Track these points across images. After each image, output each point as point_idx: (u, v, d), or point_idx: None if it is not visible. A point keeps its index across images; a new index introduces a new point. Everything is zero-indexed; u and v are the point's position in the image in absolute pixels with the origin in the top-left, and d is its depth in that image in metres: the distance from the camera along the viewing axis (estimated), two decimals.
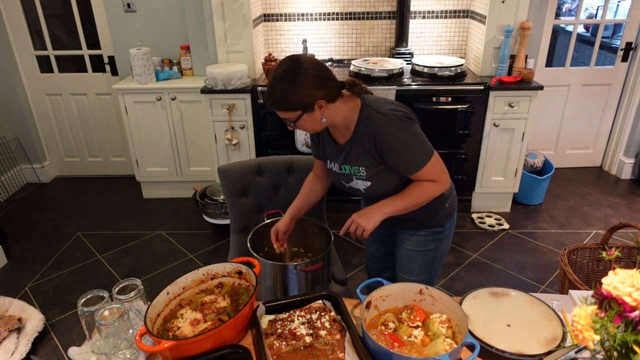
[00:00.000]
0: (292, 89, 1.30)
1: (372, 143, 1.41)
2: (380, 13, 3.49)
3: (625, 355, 0.82)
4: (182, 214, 3.57)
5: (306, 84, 1.30)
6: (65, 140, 4.09)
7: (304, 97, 1.31)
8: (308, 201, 1.73)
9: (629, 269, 0.83)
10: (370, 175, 1.47)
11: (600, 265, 2.27)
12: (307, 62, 1.32)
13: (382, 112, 1.39)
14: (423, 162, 1.40)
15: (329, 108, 1.37)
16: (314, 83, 1.31)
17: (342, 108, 1.41)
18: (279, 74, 1.32)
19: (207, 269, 1.42)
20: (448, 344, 1.17)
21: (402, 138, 1.38)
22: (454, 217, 1.68)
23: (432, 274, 1.72)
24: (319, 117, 1.37)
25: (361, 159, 1.46)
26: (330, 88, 1.36)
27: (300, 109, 1.33)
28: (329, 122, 1.41)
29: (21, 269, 2.97)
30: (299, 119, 1.36)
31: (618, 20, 4.14)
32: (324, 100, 1.34)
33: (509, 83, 3.01)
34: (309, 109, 1.34)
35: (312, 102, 1.32)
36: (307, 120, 1.37)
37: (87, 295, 1.30)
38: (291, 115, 1.35)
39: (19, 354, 2.21)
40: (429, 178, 1.44)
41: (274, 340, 1.22)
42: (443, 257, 1.72)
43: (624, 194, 3.68)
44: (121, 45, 3.57)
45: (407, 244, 1.67)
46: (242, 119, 3.13)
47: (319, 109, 1.35)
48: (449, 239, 1.69)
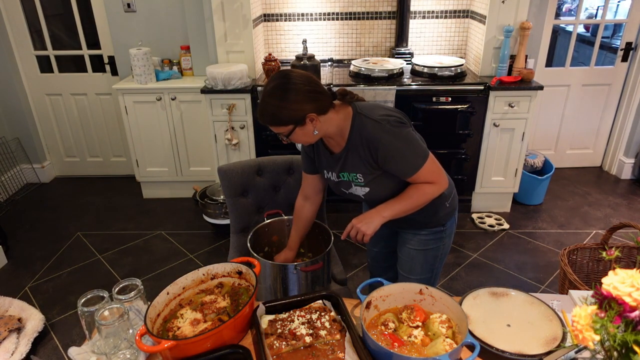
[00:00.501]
0: (283, 104, 1.33)
1: (367, 150, 1.42)
2: (380, 13, 3.49)
3: (625, 355, 0.82)
4: (182, 214, 3.57)
5: (296, 99, 1.32)
6: (65, 140, 4.09)
7: (295, 111, 1.33)
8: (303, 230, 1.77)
9: (629, 269, 0.83)
10: (368, 182, 1.48)
11: (600, 265, 2.27)
12: (297, 77, 1.34)
13: (374, 118, 1.41)
14: (419, 166, 1.41)
15: (321, 120, 1.39)
16: (303, 97, 1.33)
17: (334, 118, 1.42)
18: (269, 90, 1.35)
19: (207, 269, 1.42)
20: (448, 344, 1.17)
21: (395, 143, 1.39)
22: (455, 216, 1.69)
23: (434, 272, 1.73)
24: (311, 129, 1.39)
25: (358, 166, 1.47)
26: (320, 101, 1.37)
27: (292, 123, 1.36)
28: (322, 133, 1.43)
29: (21, 269, 2.97)
30: (291, 133, 1.38)
31: (618, 20, 4.14)
32: (314, 113, 1.36)
33: (509, 83, 3.01)
34: (301, 123, 1.36)
35: (303, 116, 1.35)
36: (299, 134, 1.39)
37: (87, 295, 1.30)
38: (284, 129, 1.37)
39: (19, 354, 2.21)
40: (426, 180, 1.44)
41: (274, 340, 1.22)
42: (444, 256, 1.73)
43: (624, 194, 3.68)
44: (121, 45, 3.57)
45: (409, 243, 1.68)
46: (242, 119, 3.13)
47: (310, 122, 1.37)
48: (450, 238, 1.70)
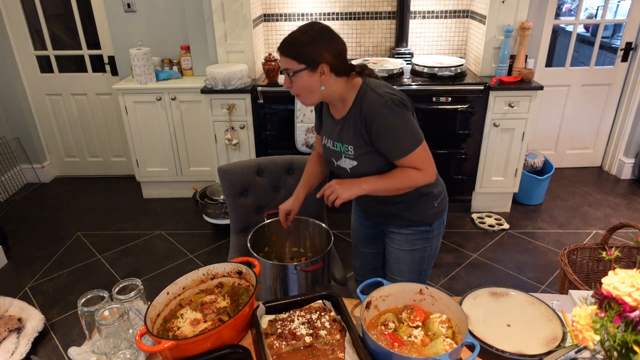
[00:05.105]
0: (308, 40, 1.36)
1: (363, 122, 1.43)
2: (380, 13, 3.49)
3: (625, 355, 0.82)
4: (182, 214, 3.57)
5: (322, 44, 1.36)
6: (65, 140, 4.09)
7: (315, 53, 1.36)
8: (312, 181, 1.76)
9: (629, 269, 0.83)
10: (357, 155, 1.48)
11: (600, 265, 2.27)
12: (333, 33, 1.40)
13: (378, 92, 1.42)
14: (410, 149, 1.41)
15: (331, 79, 1.40)
16: (328, 48, 1.37)
17: (342, 85, 1.45)
18: (305, 25, 1.39)
19: (207, 269, 1.42)
20: (448, 344, 1.17)
21: (392, 121, 1.39)
22: (444, 218, 1.68)
23: (422, 274, 1.72)
24: (318, 82, 1.40)
25: (351, 138, 1.48)
26: (340, 62, 1.40)
27: (306, 63, 1.37)
28: (327, 93, 1.44)
29: (21, 269, 2.97)
30: (299, 73, 1.38)
31: (618, 20, 4.14)
32: (329, 67, 1.37)
33: (509, 83, 3.01)
34: (313, 67, 1.37)
35: (318, 62, 1.36)
36: (305, 79, 1.39)
37: (87, 295, 1.30)
38: (294, 65, 1.38)
39: (19, 354, 2.21)
40: (414, 166, 1.44)
41: (274, 340, 1.22)
42: (432, 258, 1.72)
43: (624, 194, 3.68)
44: (121, 45, 3.57)
45: (395, 243, 1.67)
46: (242, 119, 3.13)
47: (320, 74, 1.38)
48: (438, 240, 1.69)
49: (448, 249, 3.06)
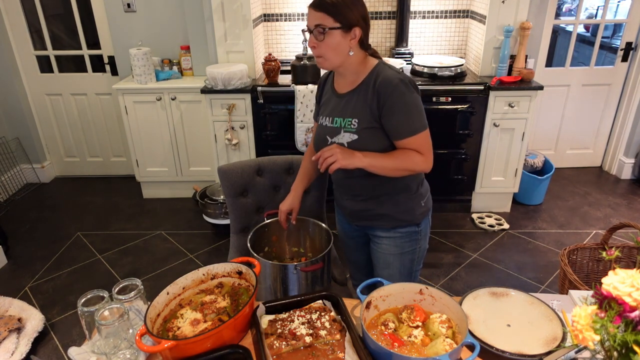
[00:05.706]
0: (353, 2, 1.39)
1: (376, 95, 1.43)
2: (380, 13, 3.49)
3: (625, 355, 0.82)
4: (182, 214, 3.57)
5: (359, 9, 1.40)
6: (65, 140, 4.09)
7: (352, 16, 1.38)
8: (309, 175, 1.76)
9: (629, 269, 0.83)
10: (360, 129, 1.47)
11: (600, 265, 2.27)
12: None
13: (396, 70, 1.46)
14: (416, 130, 1.43)
15: (356, 49, 1.44)
16: (364, 15, 1.42)
17: (361, 59, 1.48)
18: None
19: (207, 269, 1.42)
20: (448, 344, 1.17)
21: (407, 99, 1.41)
22: (429, 218, 1.68)
23: (412, 276, 1.72)
24: (348, 45, 1.42)
25: (358, 110, 1.47)
26: (366, 35, 1.45)
27: (342, 23, 1.38)
28: (349, 61, 1.46)
29: (21, 269, 2.97)
30: (332, 30, 1.39)
31: (618, 20, 4.14)
32: (362, 33, 1.42)
33: (509, 83, 3.01)
34: (347, 29, 1.39)
35: (353, 25, 1.39)
36: (336, 39, 1.40)
37: (87, 295, 1.30)
38: (329, 22, 1.38)
39: (19, 354, 2.21)
40: (417, 148, 1.45)
41: (274, 340, 1.22)
42: (421, 259, 1.72)
43: (624, 194, 3.68)
44: (121, 45, 3.57)
45: (382, 248, 1.66)
46: (242, 119, 3.13)
47: (353, 37, 1.41)
48: (425, 240, 1.69)
49: (448, 249, 3.06)
